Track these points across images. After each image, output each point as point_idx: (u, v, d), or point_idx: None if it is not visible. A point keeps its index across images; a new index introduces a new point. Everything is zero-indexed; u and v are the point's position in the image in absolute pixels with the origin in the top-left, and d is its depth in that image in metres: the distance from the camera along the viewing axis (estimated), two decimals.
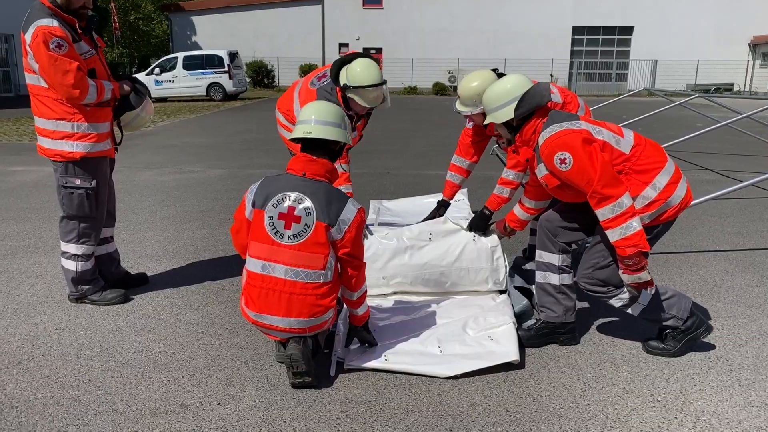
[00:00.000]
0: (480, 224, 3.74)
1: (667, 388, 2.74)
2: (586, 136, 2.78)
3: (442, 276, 3.61)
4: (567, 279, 3.14)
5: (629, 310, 2.99)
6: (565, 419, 2.50)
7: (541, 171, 2.95)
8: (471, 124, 4.03)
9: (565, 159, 2.76)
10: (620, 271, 2.84)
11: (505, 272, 3.69)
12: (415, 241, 3.66)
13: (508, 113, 2.95)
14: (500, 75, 3.72)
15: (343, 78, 3.72)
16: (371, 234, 3.75)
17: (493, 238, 3.69)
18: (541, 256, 3.18)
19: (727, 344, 3.18)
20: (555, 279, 3.14)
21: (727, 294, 3.90)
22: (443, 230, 3.73)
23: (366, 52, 3.81)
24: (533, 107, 2.91)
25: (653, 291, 2.92)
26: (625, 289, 2.93)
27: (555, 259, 3.13)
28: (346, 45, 33.17)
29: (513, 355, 2.87)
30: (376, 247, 3.64)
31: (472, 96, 3.58)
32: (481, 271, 3.63)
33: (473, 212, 4.52)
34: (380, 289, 3.65)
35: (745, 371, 2.89)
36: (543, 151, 2.85)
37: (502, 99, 2.97)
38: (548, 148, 2.81)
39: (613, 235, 2.75)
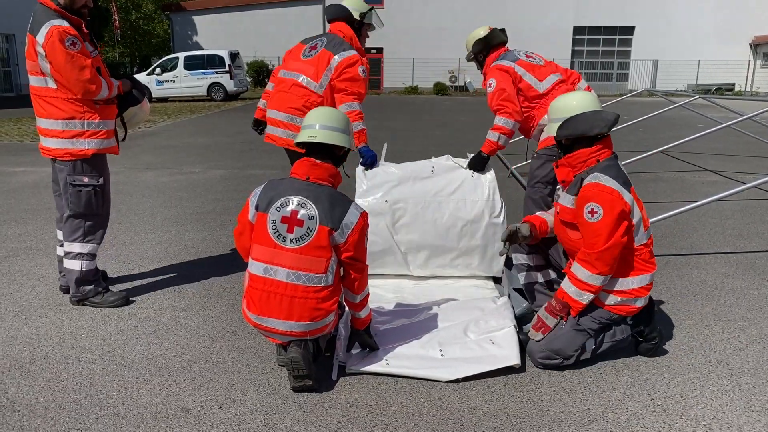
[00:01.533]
0: (478, 165, 3.96)
1: (667, 392, 2.74)
2: (626, 210, 2.78)
3: (441, 206, 3.82)
4: (549, 274, 3.29)
5: (587, 356, 2.96)
6: (566, 423, 2.50)
7: (565, 199, 2.95)
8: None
9: (595, 212, 2.76)
10: (543, 306, 2.98)
11: (502, 208, 3.85)
12: (419, 172, 3.96)
13: (553, 130, 2.98)
14: (502, 30, 4.20)
15: (355, 12, 4.03)
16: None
17: (490, 175, 3.94)
18: (517, 258, 3.34)
19: (728, 348, 3.18)
20: (538, 276, 3.28)
21: (727, 297, 3.90)
22: (445, 166, 4.02)
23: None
24: (577, 134, 2.87)
25: (540, 336, 2.94)
26: (573, 358, 2.92)
27: (531, 259, 3.30)
28: None
29: (514, 359, 2.88)
30: (382, 175, 3.92)
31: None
32: (478, 204, 3.83)
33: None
34: (383, 218, 3.80)
35: (746, 375, 2.89)
36: (585, 189, 2.81)
37: (556, 114, 3.00)
38: (591, 191, 2.78)
39: (569, 287, 2.86)
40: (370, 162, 3.97)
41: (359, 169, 3.97)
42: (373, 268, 3.55)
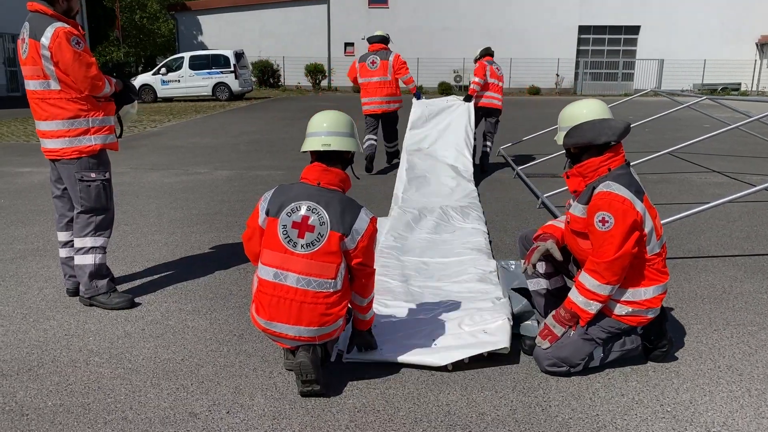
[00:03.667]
0: (467, 99, 8.11)
1: (676, 398, 2.73)
2: (638, 220, 2.73)
3: (452, 111, 8.19)
4: (557, 282, 3.25)
5: (596, 364, 2.94)
6: (575, 429, 2.49)
7: (576, 209, 2.91)
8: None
9: (606, 221, 2.71)
10: (551, 314, 2.97)
11: (472, 116, 8.07)
12: (440, 102, 8.45)
13: (561, 138, 2.97)
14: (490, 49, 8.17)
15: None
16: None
17: (471, 106, 8.08)
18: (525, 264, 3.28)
19: (737, 353, 3.16)
20: (548, 284, 3.25)
21: (736, 301, 3.88)
22: (452, 100, 8.35)
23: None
24: (584, 143, 2.84)
25: (547, 345, 2.92)
26: (581, 366, 2.90)
27: (541, 266, 3.21)
28: (352, 44, 33.14)
29: (504, 343, 2.91)
30: (422, 102, 8.41)
31: None
32: (464, 112, 8.14)
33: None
34: (424, 115, 8.24)
35: (756, 381, 2.88)
36: (596, 198, 2.76)
37: (564, 122, 2.97)
38: (603, 200, 2.73)
39: (576, 297, 2.84)
40: (419, 98, 8.38)
41: (414, 99, 8.34)
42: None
